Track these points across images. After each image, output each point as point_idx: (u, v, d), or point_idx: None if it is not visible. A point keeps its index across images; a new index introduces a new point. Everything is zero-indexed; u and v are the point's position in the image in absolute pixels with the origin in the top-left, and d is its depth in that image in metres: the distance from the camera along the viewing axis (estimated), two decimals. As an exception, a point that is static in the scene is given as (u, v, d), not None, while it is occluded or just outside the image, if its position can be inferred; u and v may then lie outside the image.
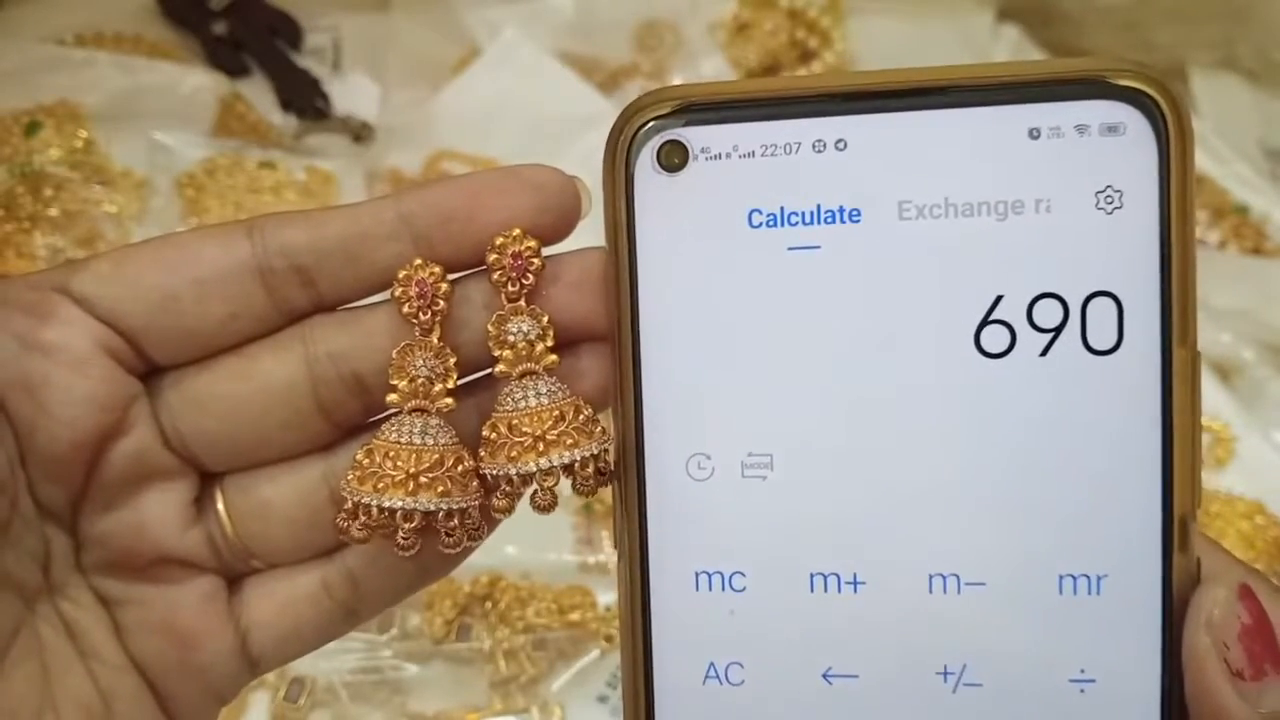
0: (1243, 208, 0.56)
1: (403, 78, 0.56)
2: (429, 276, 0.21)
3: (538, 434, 0.21)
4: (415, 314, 0.21)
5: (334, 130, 0.55)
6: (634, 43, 0.57)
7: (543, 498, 0.21)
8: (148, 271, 0.21)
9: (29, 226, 0.51)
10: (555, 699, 0.42)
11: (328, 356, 0.22)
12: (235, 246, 0.21)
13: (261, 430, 0.22)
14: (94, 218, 0.52)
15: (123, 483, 0.22)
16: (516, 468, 0.21)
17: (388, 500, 0.21)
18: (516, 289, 0.21)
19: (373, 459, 0.21)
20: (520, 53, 0.53)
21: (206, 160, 0.53)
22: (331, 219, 0.22)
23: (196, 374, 0.22)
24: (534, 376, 0.21)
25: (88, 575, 0.22)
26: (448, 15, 0.56)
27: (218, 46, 0.57)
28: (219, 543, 0.23)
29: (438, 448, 0.21)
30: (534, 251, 0.21)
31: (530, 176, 0.21)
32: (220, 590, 0.23)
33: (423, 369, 0.21)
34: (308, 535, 0.23)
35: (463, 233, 0.21)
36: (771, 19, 0.57)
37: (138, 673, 0.22)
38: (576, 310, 0.22)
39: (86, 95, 0.54)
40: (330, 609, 0.23)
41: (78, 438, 0.21)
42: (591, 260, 0.22)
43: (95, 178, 0.52)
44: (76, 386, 0.21)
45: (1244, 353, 0.52)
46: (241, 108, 0.55)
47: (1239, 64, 0.59)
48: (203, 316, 0.21)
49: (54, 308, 0.21)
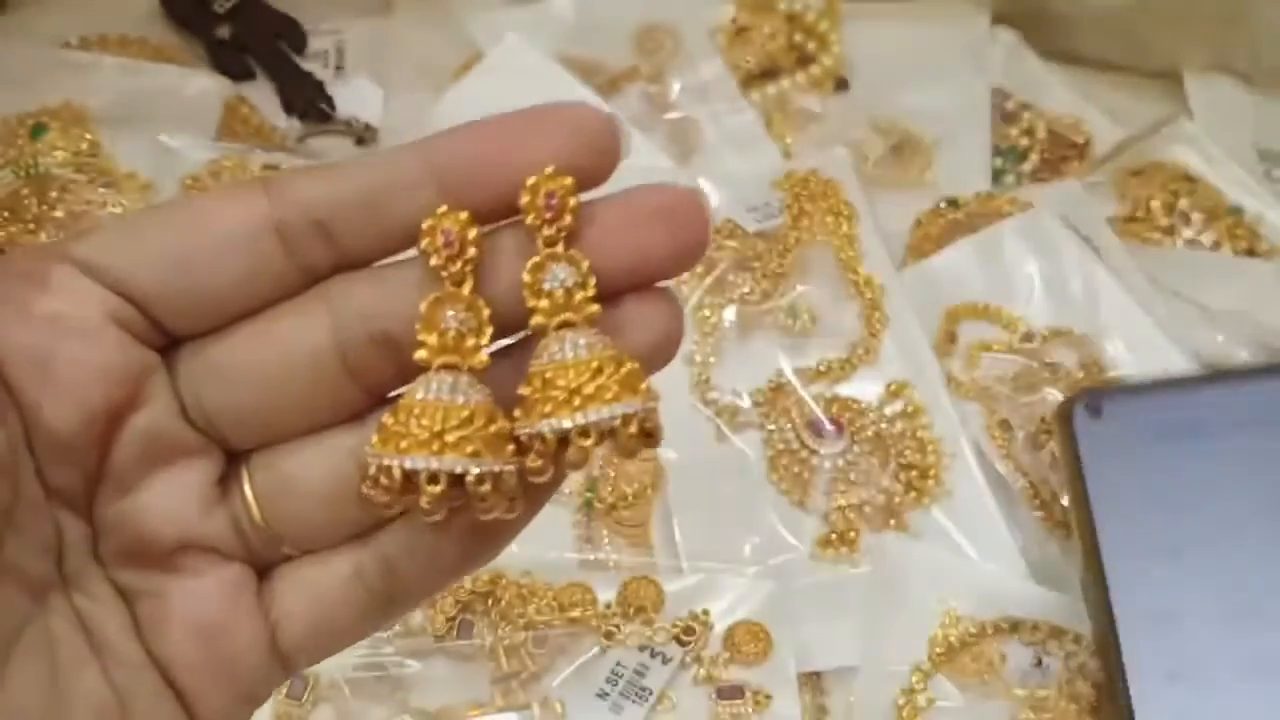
0: (1237, 209, 0.56)
1: (405, 81, 0.56)
2: (456, 224, 0.19)
3: (573, 387, 0.19)
4: (444, 265, 0.20)
5: (337, 133, 0.56)
6: (634, 46, 0.57)
7: (576, 455, 0.19)
8: (158, 234, 0.20)
9: (34, 228, 0.51)
10: (556, 695, 0.43)
11: (355, 316, 0.20)
12: (251, 204, 0.20)
13: (288, 399, 0.21)
14: (99, 220, 0.52)
15: (139, 462, 0.20)
16: (550, 424, 0.19)
17: (410, 461, 0.19)
18: (552, 232, 0.19)
19: (397, 418, 0.20)
20: (522, 56, 0.53)
21: (211, 163, 0.53)
22: (351, 170, 0.20)
23: (216, 343, 0.21)
24: (573, 328, 0.19)
25: (105, 566, 0.21)
26: (450, 19, 0.57)
27: (221, 50, 0.58)
28: (245, 527, 0.21)
29: (468, 405, 0.19)
30: (570, 190, 0.19)
31: (566, 115, 0.20)
32: (248, 580, 0.21)
33: (453, 322, 0.20)
34: (340, 514, 0.21)
35: (493, 178, 0.19)
36: (770, 23, 0.58)
37: (158, 671, 0.21)
38: (620, 256, 0.20)
39: (91, 98, 0.54)
40: (366, 599, 0.21)
41: (88, 414, 0.19)
42: (635, 199, 0.20)
43: (100, 180, 0.53)
44: (86, 358, 0.19)
45: (1238, 353, 0.52)
46: (245, 111, 0.55)
47: (1233, 67, 0.59)
48: (218, 279, 0.20)
49: (59, 276, 0.19)
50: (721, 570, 0.45)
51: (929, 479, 0.47)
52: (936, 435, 0.48)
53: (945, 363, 0.50)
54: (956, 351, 0.50)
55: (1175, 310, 0.52)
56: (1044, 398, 0.49)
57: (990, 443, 0.48)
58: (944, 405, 0.49)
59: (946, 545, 0.46)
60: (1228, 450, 0.43)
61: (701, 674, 0.43)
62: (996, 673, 0.44)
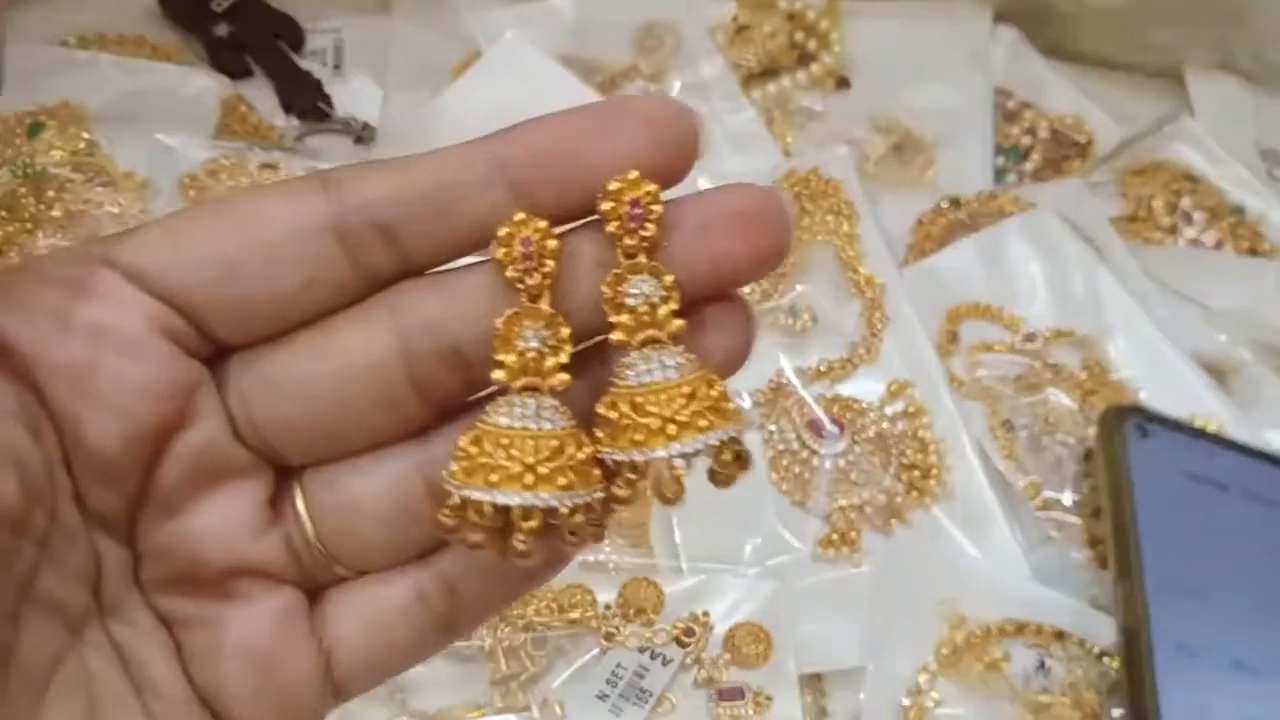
0: (1239, 208, 0.56)
1: (404, 80, 0.56)
2: (535, 233, 0.18)
3: (667, 415, 0.18)
4: (521, 277, 0.18)
5: (336, 132, 0.56)
6: (633, 45, 0.57)
7: (670, 488, 0.18)
8: (207, 236, 0.18)
9: (31, 227, 0.51)
10: (555, 696, 0.42)
11: (421, 327, 0.19)
12: (308, 203, 0.19)
13: (348, 414, 0.19)
14: (97, 219, 0.52)
15: (187, 483, 0.19)
16: (644, 454, 0.18)
17: (503, 496, 0.18)
18: (635, 242, 0.18)
19: (481, 447, 0.18)
20: (520, 55, 0.53)
21: (209, 162, 0.53)
22: (416, 168, 0.19)
23: (270, 353, 0.19)
24: (658, 345, 0.18)
25: (147, 593, 0.19)
26: (448, 18, 0.56)
27: (220, 48, 0.57)
28: (298, 548, 0.20)
29: (556, 433, 0.18)
30: (654, 197, 0.18)
31: (641, 109, 0.18)
32: (300, 605, 0.20)
33: (533, 340, 0.18)
34: (401, 535, 0.20)
35: (567, 178, 0.18)
36: (770, 21, 0.58)
37: (202, 706, 0.19)
38: (698, 264, 0.18)
39: (89, 97, 0.54)
40: (426, 622, 0.20)
41: (133, 432, 0.18)
42: (715, 202, 0.19)
43: (98, 179, 0.53)
44: (129, 373, 0.18)
45: (1240, 353, 0.52)
46: (244, 109, 0.55)
47: (1235, 65, 0.59)
48: (273, 286, 0.18)
49: (100, 283, 0.18)
50: (722, 571, 0.45)
51: (930, 479, 0.47)
52: (938, 435, 0.48)
53: (947, 362, 0.50)
54: (958, 351, 0.50)
55: (1177, 310, 0.52)
56: (1046, 398, 0.49)
57: (992, 443, 0.48)
58: (946, 405, 0.48)
59: (948, 545, 0.46)
60: (1244, 514, 0.45)
61: (702, 676, 0.43)
62: (1001, 675, 0.43)
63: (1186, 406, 0.49)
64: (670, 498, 0.18)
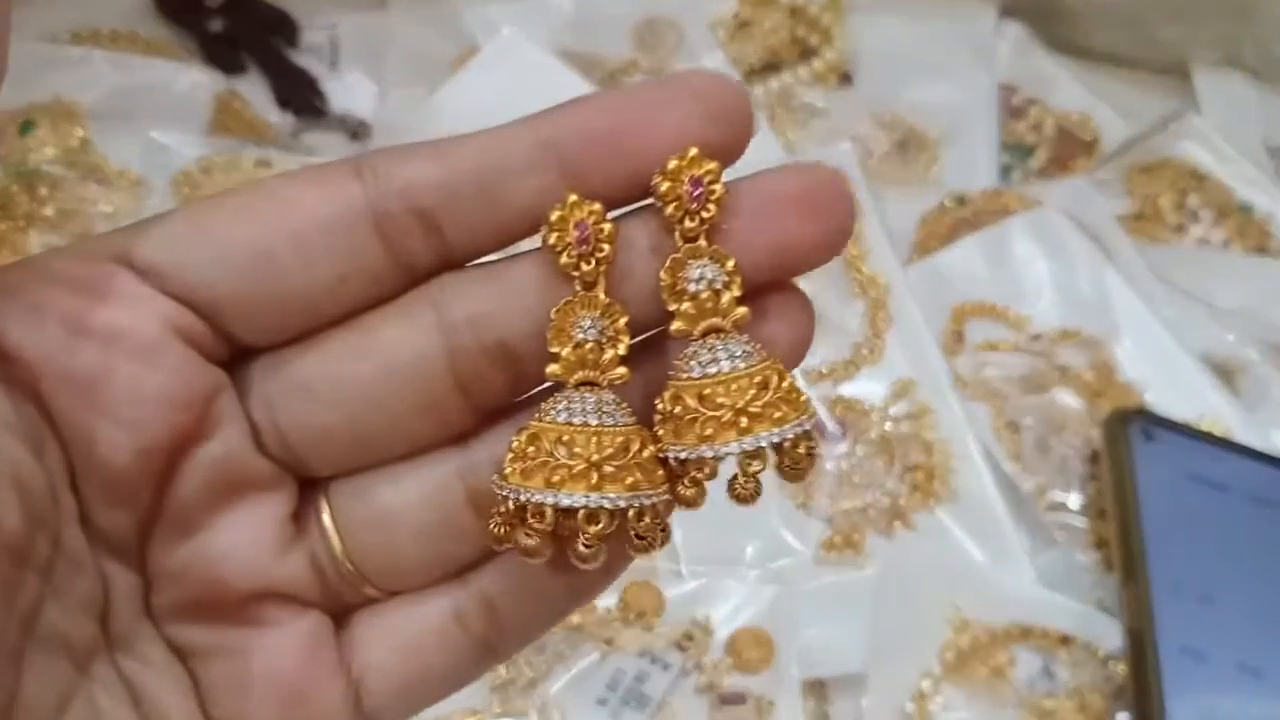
0: (1246, 207, 0.55)
1: (400, 75, 0.55)
2: (589, 216, 0.17)
3: (738, 406, 0.17)
4: (576, 264, 0.17)
5: (331, 128, 0.55)
6: (634, 40, 0.56)
7: (745, 485, 0.17)
8: (230, 228, 0.17)
9: (24, 225, 0.51)
10: (554, 702, 0.42)
11: (466, 321, 0.17)
12: (342, 190, 0.17)
13: (385, 419, 0.18)
14: (90, 217, 0.51)
15: (204, 499, 0.17)
16: (714, 449, 0.17)
17: (567, 498, 0.17)
18: (695, 224, 0.17)
19: (539, 445, 0.17)
20: (518, 50, 0.53)
21: (203, 159, 0.52)
22: (459, 149, 0.17)
23: (299, 355, 0.18)
24: (721, 335, 0.17)
25: (160, 622, 0.18)
26: (445, 13, 0.56)
27: (214, 44, 0.57)
28: (324, 567, 0.18)
29: (619, 429, 0.17)
30: (715, 175, 0.17)
31: (695, 84, 0.17)
32: (326, 630, 0.18)
33: (590, 331, 0.17)
34: (438, 550, 0.18)
35: (619, 158, 0.17)
36: (772, 16, 0.57)
37: None
38: (759, 248, 0.17)
39: (82, 93, 0.53)
40: (464, 646, 0.19)
41: (145, 445, 0.17)
42: (774, 183, 0.17)
43: (91, 176, 0.52)
44: (143, 381, 0.17)
45: (1248, 353, 0.51)
46: (238, 106, 0.55)
47: (1243, 62, 0.58)
48: (305, 280, 0.17)
49: (112, 282, 0.17)
50: (723, 575, 0.44)
51: (934, 481, 0.46)
52: (943, 436, 0.47)
53: (952, 362, 0.49)
54: (963, 351, 0.50)
55: (1184, 310, 0.51)
56: (1053, 398, 0.48)
57: (998, 444, 0.47)
58: (950, 406, 0.48)
59: (953, 549, 0.45)
60: (1249, 517, 0.45)
61: (703, 681, 0.42)
62: (1005, 680, 0.43)
63: (1193, 407, 0.48)
64: (746, 497, 0.17)
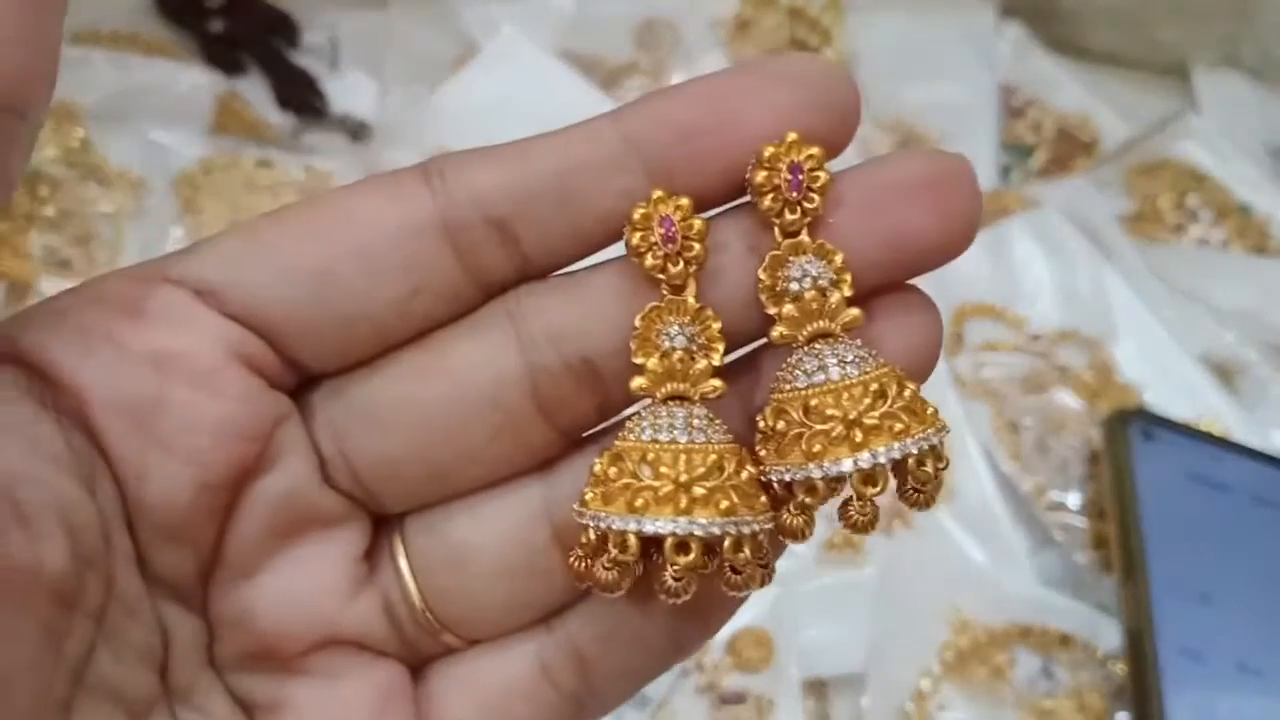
0: (1245, 207, 0.55)
1: (401, 75, 0.55)
2: (675, 212, 0.15)
3: (851, 417, 0.15)
4: (662, 265, 0.15)
5: (331, 129, 0.55)
6: (634, 41, 0.56)
7: (862, 511, 0.15)
8: (292, 244, 0.16)
9: (24, 225, 0.51)
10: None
11: (546, 336, 0.16)
12: (410, 199, 0.16)
13: (462, 447, 0.16)
14: (90, 217, 0.51)
15: (269, 539, 0.16)
16: (824, 468, 0.15)
17: (651, 524, 0.14)
18: (797, 217, 0.15)
19: (621, 467, 0.15)
20: (519, 50, 0.53)
21: (203, 159, 0.52)
22: (535, 151, 0.16)
23: (367, 379, 0.16)
24: (831, 339, 0.15)
25: (223, 673, 0.16)
26: (446, 13, 0.56)
27: (214, 44, 0.57)
28: (399, 613, 0.17)
29: (712, 447, 0.15)
30: (818, 161, 0.15)
31: (792, 69, 0.15)
32: (402, 681, 0.17)
33: (679, 339, 0.15)
34: (523, 593, 0.17)
35: (711, 151, 0.15)
36: (772, 16, 0.57)
37: None
38: (873, 245, 0.16)
39: (82, 94, 0.53)
40: (553, 703, 0.17)
41: (206, 480, 0.15)
42: (891, 170, 0.16)
43: (92, 177, 0.52)
44: (203, 410, 0.15)
45: (1247, 353, 0.51)
46: (238, 106, 0.55)
47: (1242, 62, 0.58)
48: (372, 298, 0.16)
49: (167, 304, 0.15)
50: (723, 575, 0.44)
51: (935, 481, 0.46)
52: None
53: (951, 362, 0.49)
54: (963, 351, 0.50)
55: (1184, 310, 0.51)
56: (1052, 398, 0.48)
57: (997, 444, 0.47)
58: (950, 406, 0.48)
59: (952, 549, 0.45)
60: (1248, 517, 0.45)
61: (703, 681, 0.42)
62: (1005, 680, 0.43)
63: (1192, 407, 0.48)
64: (863, 525, 0.15)
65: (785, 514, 0.15)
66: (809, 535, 0.15)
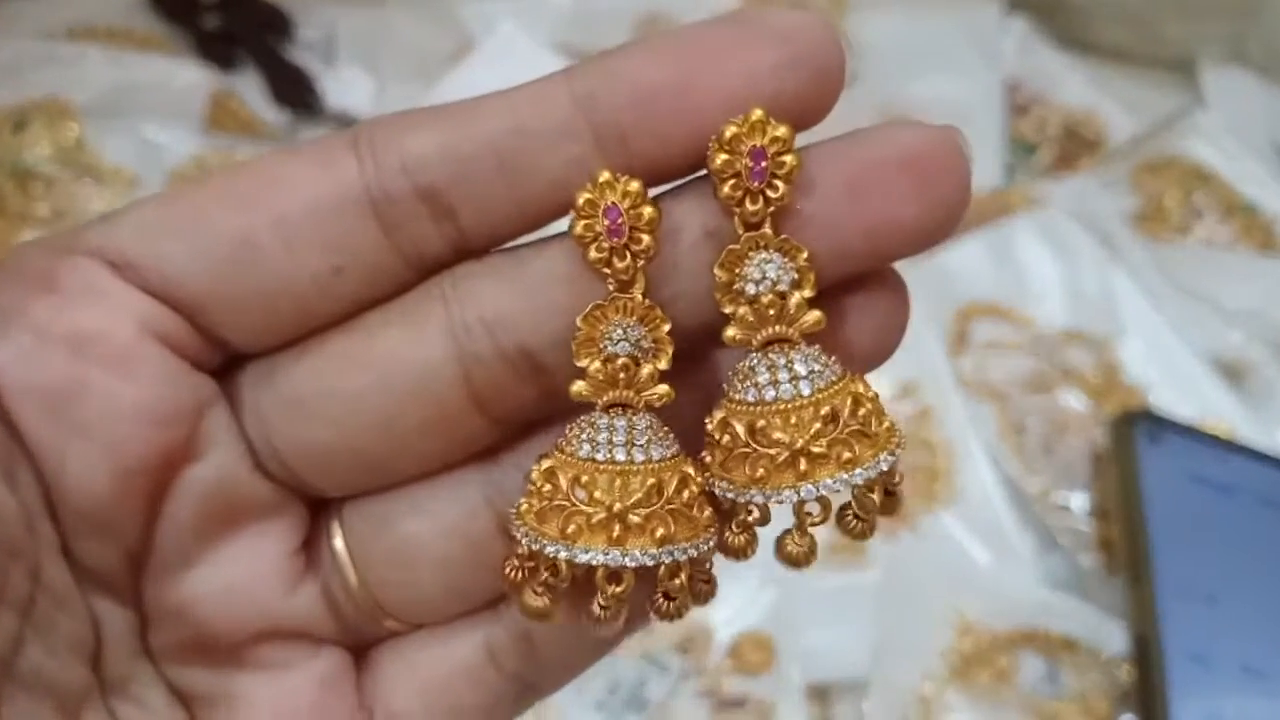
0: (1251, 206, 0.55)
1: (397, 70, 0.55)
2: (624, 198, 0.14)
3: (797, 446, 0.14)
4: (607, 259, 0.14)
5: (327, 125, 0.55)
6: (633, 35, 0.56)
7: (798, 542, 0.14)
8: (212, 212, 0.14)
9: (18, 224, 0.50)
10: (553, 705, 0.41)
11: (481, 323, 0.15)
12: (335, 166, 0.14)
13: (395, 438, 0.15)
14: (84, 215, 0.51)
15: (199, 528, 0.15)
16: (766, 494, 0.14)
17: (584, 553, 0.14)
18: (759, 207, 0.14)
19: (555, 483, 0.14)
20: (516, 45, 0.52)
21: (198, 157, 0.52)
22: (474, 114, 0.14)
23: (294, 361, 0.15)
24: (786, 346, 0.14)
25: (159, 663, 0.16)
26: (442, 8, 0.56)
27: (209, 41, 0.56)
28: (339, 599, 0.16)
29: (651, 467, 0.14)
30: (785, 144, 0.14)
31: (775, 24, 0.14)
32: (344, 668, 0.16)
33: (623, 343, 0.14)
34: (468, 581, 0.16)
35: (672, 119, 0.14)
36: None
37: None
38: (847, 232, 0.14)
39: (77, 91, 0.53)
40: (498, 686, 0.16)
41: (128, 468, 0.14)
42: (871, 146, 0.14)
43: (86, 174, 0.51)
44: (121, 395, 0.14)
45: (1254, 352, 0.51)
46: (233, 103, 0.54)
47: (1249, 58, 0.58)
48: (293, 274, 0.14)
49: (84, 279, 0.14)
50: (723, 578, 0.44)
51: (938, 482, 0.46)
52: (946, 437, 0.47)
53: (956, 362, 0.49)
54: (967, 351, 0.49)
55: (1190, 310, 0.51)
56: (1057, 399, 0.48)
57: (1003, 445, 0.47)
58: (955, 406, 0.47)
59: (957, 550, 0.45)
60: (1255, 518, 0.45)
61: (703, 685, 0.42)
62: (1009, 684, 0.42)
63: (1198, 408, 0.48)
64: (799, 559, 0.14)
65: (728, 533, 0.15)
66: (751, 554, 0.15)
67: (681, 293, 0.15)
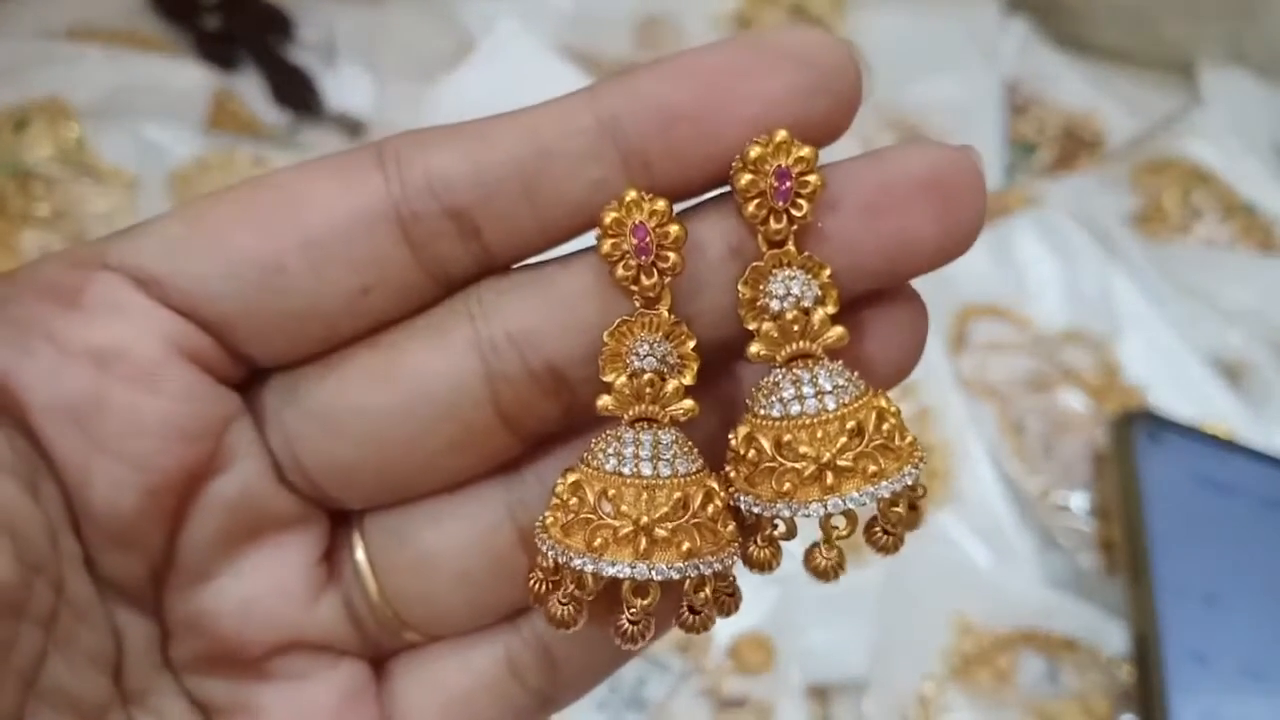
0: (1251, 206, 0.55)
1: (397, 71, 0.55)
2: (651, 217, 0.14)
3: (823, 460, 0.14)
4: (634, 277, 0.14)
5: (327, 125, 0.55)
6: (634, 37, 0.56)
7: (826, 555, 0.15)
8: (238, 231, 0.15)
9: (18, 225, 0.50)
10: (553, 706, 0.41)
11: (508, 339, 0.15)
12: (362, 185, 0.15)
13: (419, 453, 0.15)
14: (84, 216, 0.51)
15: (223, 541, 0.15)
16: (792, 508, 0.14)
17: (610, 566, 0.14)
18: (782, 226, 0.14)
19: (582, 497, 0.14)
20: (516, 46, 0.52)
21: (198, 157, 0.52)
22: (500, 133, 0.14)
23: (319, 377, 0.15)
24: (810, 362, 0.14)
25: (180, 676, 0.16)
26: (443, 8, 0.56)
27: (209, 41, 0.56)
28: (361, 612, 0.16)
29: (678, 481, 0.14)
30: (808, 165, 0.14)
31: (791, 45, 0.14)
32: (365, 680, 0.16)
33: (649, 359, 0.14)
34: (489, 594, 0.16)
35: (695, 141, 0.14)
36: (773, 13, 0.57)
37: None
38: (869, 252, 0.14)
39: (77, 92, 0.53)
40: (518, 699, 0.16)
41: (151, 483, 0.14)
42: (890, 167, 0.14)
43: (86, 175, 0.51)
44: (146, 411, 0.14)
45: (1254, 352, 0.51)
46: (234, 103, 0.54)
47: (1249, 58, 0.58)
48: (322, 295, 0.15)
49: (107, 294, 0.14)
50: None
51: (937, 482, 0.46)
52: (946, 437, 0.47)
53: (956, 362, 0.49)
54: (967, 351, 0.49)
55: (1190, 309, 0.51)
56: (1057, 399, 0.48)
57: (1003, 445, 0.47)
58: (954, 406, 0.47)
59: (957, 550, 0.45)
60: (1255, 519, 0.45)
61: (704, 684, 0.42)
62: (1009, 684, 0.42)
63: (1198, 408, 0.48)
64: (827, 571, 0.15)
65: (752, 546, 0.15)
66: (776, 567, 0.15)
67: (706, 309, 0.15)
